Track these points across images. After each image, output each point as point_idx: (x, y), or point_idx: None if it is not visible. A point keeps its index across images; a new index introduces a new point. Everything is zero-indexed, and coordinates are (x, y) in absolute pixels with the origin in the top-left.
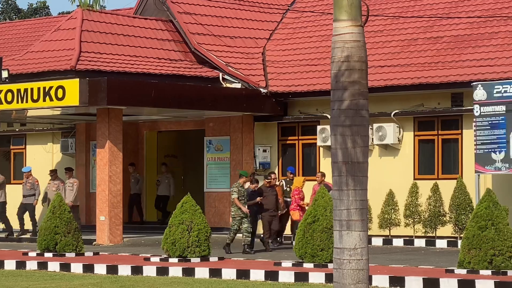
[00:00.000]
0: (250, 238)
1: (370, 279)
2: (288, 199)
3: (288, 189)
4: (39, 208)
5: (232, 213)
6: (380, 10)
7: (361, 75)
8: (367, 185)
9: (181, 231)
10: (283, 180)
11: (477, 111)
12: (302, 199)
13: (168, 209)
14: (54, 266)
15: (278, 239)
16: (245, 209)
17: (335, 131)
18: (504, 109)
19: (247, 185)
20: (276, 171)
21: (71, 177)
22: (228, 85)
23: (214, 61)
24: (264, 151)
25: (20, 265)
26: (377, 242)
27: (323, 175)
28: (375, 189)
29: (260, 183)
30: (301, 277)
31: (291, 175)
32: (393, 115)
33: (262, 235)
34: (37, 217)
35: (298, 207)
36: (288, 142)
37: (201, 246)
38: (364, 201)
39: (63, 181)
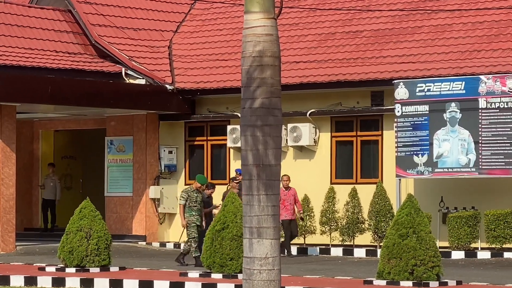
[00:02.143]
0: (189, 248)
1: None
2: None
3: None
4: None
5: (186, 220)
6: (296, 1)
7: (274, 71)
8: (279, 189)
9: (79, 239)
10: (230, 185)
11: (398, 111)
12: None
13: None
14: None
15: None
16: (183, 221)
17: (245, 131)
18: (427, 109)
19: (209, 191)
20: (183, 175)
21: None
22: (132, 81)
23: (116, 54)
24: (170, 152)
25: None
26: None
27: (289, 178)
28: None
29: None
30: None
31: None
32: (309, 115)
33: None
34: None
35: None
36: (196, 143)
37: (100, 255)
38: (276, 207)
39: None
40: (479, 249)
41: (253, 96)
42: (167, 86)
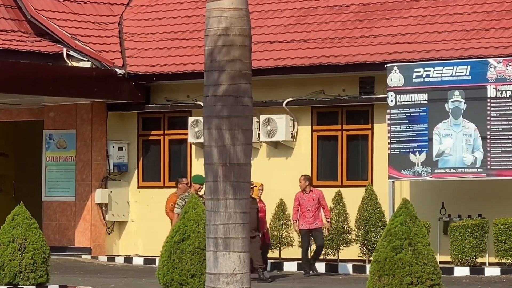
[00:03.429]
0: None
1: None
2: None
3: None
4: None
5: None
6: None
7: (243, 52)
8: (249, 193)
9: (11, 252)
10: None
11: (391, 101)
12: (264, 214)
13: None
14: None
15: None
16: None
17: (209, 124)
18: (426, 98)
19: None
20: (135, 176)
21: None
22: (75, 63)
23: (56, 32)
24: (120, 149)
25: None
26: None
27: (308, 179)
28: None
29: None
30: None
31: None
32: (286, 105)
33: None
34: None
35: None
36: (151, 137)
37: (37, 270)
38: (246, 214)
39: None
40: (487, 264)
41: (218, 81)
42: (117, 70)
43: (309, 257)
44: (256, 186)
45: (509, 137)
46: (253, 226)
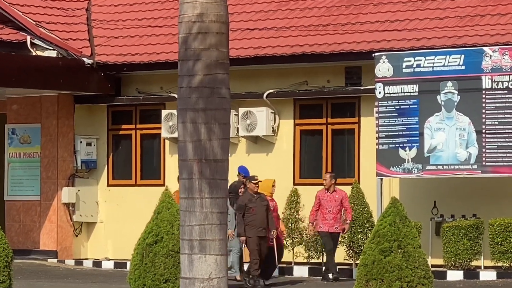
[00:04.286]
0: None
1: None
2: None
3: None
4: None
5: None
6: None
7: (220, 40)
8: (227, 191)
9: None
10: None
11: (380, 92)
12: (276, 215)
13: None
14: None
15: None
16: None
17: (183, 117)
18: (417, 90)
19: None
20: (105, 173)
21: None
22: (39, 52)
23: (19, 19)
24: (89, 144)
25: None
26: None
27: (334, 177)
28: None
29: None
30: None
31: (243, 178)
32: (266, 97)
33: (248, 267)
34: None
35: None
36: (121, 132)
37: None
38: (224, 214)
39: None
40: (482, 268)
41: (193, 71)
42: (85, 59)
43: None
44: (260, 181)
45: (506, 131)
46: (263, 225)
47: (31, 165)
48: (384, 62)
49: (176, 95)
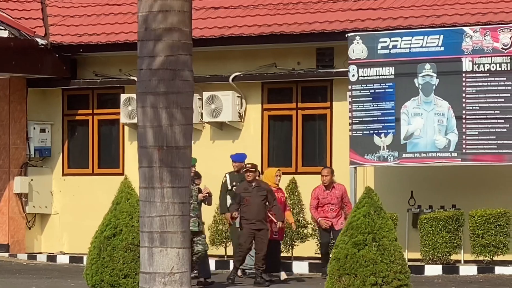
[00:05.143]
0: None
1: None
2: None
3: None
4: None
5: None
6: None
7: (183, 19)
8: (189, 180)
9: None
10: (227, 175)
11: (353, 75)
12: (283, 206)
13: None
14: None
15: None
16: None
17: (143, 101)
18: (393, 72)
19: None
20: (60, 162)
21: None
22: None
23: None
24: (42, 130)
25: None
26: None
27: (333, 172)
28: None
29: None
30: None
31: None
32: (232, 80)
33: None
34: None
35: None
36: (77, 117)
37: None
38: (186, 204)
39: None
40: (462, 262)
41: (154, 53)
42: (39, 40)
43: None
44: (256, 170)
45: (487, 116)
46: (258, 217)
47: None
48: (358, 43)
49: (135, 78)
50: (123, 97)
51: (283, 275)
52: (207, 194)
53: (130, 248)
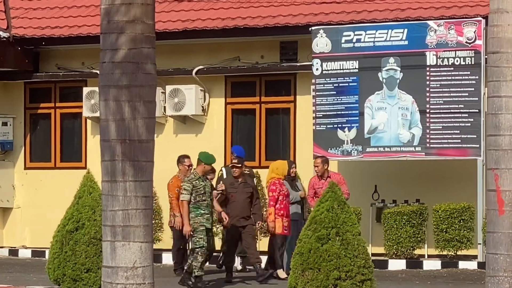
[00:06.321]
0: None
1: None
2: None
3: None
4: None
5: (191, 222)
6: None
7: (146, 11)
8: (152, 174)
9: None
10: (223, 169)
11: (317, 69)
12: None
13: None
14: None
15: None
16: (188, 226)
17: (106, 94)
18: (357, 66)
19: (213, 177)
20: (22, 155)
21: None
22: None
23: None
24: (4, 124)
25: None
26: (160, 259)
27: (327, 162)
28: (166, 181)
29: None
30: None
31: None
32: (196, 74)
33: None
34: None
35: (279, 214)
36: (40, 111)
37: None
38: (149, 198)
39: None
40: (426, 257)
41: (116, 45)
42: (0, 33)
43: None
44: (238, 167)
45: (451, 110)
46: (242, 214)
47: None
48: (321, 36)
49: (98, 72)
50: (85, 90)
51: (282, 274)
52: (221, 191)
53: (92, 242)
